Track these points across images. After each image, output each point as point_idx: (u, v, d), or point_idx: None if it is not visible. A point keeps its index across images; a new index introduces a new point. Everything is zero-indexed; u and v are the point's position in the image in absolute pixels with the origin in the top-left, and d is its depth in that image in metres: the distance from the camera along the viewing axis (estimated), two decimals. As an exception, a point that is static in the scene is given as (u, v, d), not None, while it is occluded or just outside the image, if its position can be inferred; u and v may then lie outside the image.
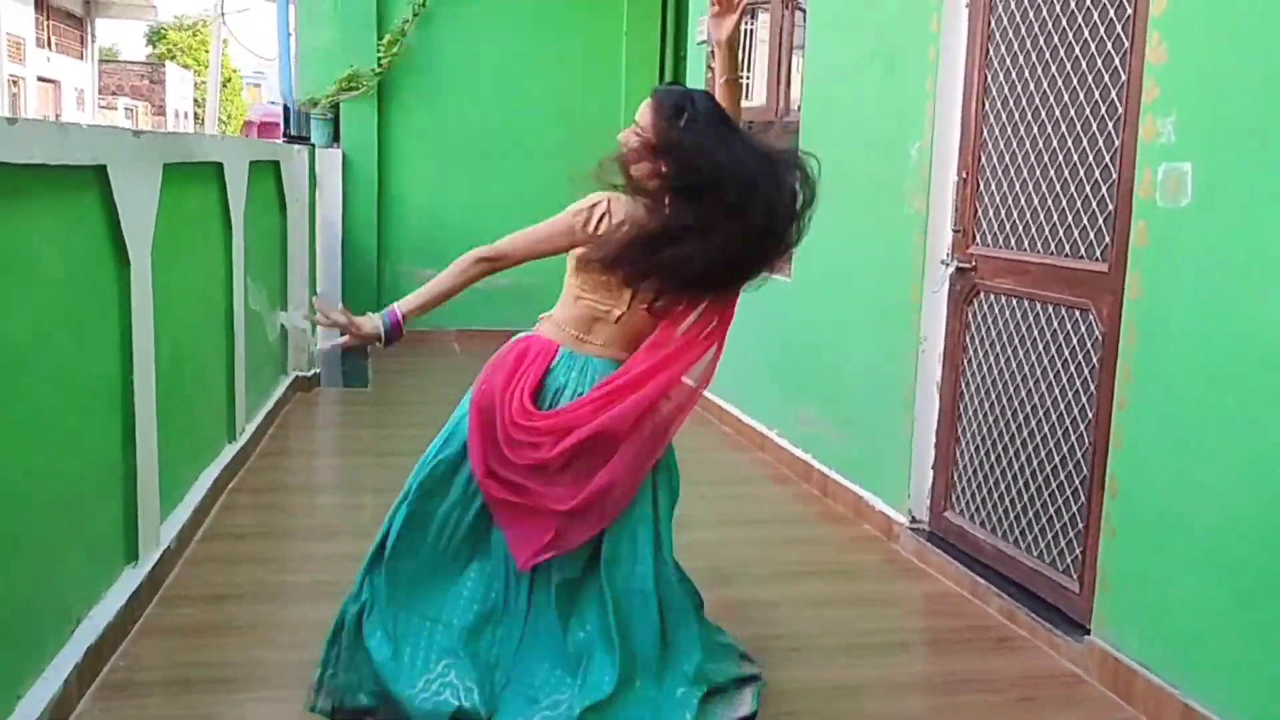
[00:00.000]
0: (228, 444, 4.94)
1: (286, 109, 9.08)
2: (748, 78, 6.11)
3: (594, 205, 2.55)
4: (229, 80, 33.09)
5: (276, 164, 6.23)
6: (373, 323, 2.56)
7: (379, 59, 8.43)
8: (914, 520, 4.27)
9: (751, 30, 6.39)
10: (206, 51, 31.88)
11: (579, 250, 2.59)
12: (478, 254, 2.58)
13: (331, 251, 8.23)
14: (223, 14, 25.63)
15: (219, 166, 4.67)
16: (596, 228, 2.52)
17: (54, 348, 2.81)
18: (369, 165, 8.56)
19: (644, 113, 2.56)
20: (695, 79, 6.84)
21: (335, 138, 8.56)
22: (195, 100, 34.75)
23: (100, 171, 3.07)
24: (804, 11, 5.42)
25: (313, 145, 7.92)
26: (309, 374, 6.83)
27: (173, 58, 34.65)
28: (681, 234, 2.41)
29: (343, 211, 8.44)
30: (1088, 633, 3.25)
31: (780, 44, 5.70)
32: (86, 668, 2.90)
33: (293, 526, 4.38)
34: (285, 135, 8.85)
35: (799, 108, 5.54)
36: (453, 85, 8.67)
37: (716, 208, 2.40)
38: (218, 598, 3.59)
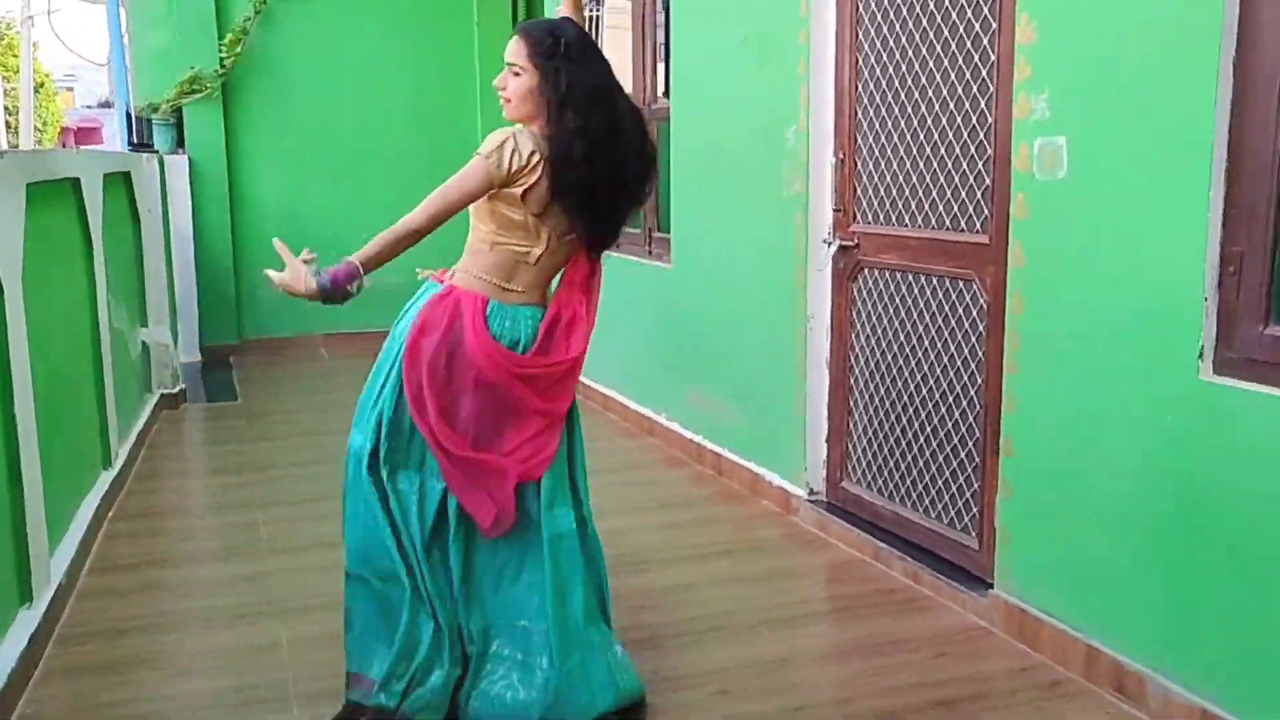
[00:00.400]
0: (103, 471, 4.73)
1: (130, 116, 8.67)
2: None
3: (502, 144, 2.56)
4: (41, 85, 31.28)
5: (127, 175, 5.96)
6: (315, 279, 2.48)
7: (221, 59, 8.12)
8: (811, 492, 4.39)
9: (599, 16, 6.43)
10: (15, 56, 30.07)
11: (485, 196, 2.59)
12: (407, 228, 2.53)
13: (185, 262, 7.92)
14: (31, 16, 24.33)
15: (76, 182, 4.45)
16: (510, 165, 2.54)
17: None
18: (218, 171, 8.24)
19: (516, 49, 2.61)
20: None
21: (180, 143, 8.23)
22: (5, 108, 32.72)
23: (-32, 196, 2.91)
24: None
25: (159, 153, 7.61)
26: (174, 390, 6.58)
27: (-24, 64, 32.53)
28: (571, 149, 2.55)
29: (193, 220, 8.12)
30: (990, 587, 3.41)
31: (644, 32, 5.74)
32: (-7, 719, 2.76)
33: (185, 551, 4.22)
34: (130, 144, 8.45)
35: (664, 94, 5.60)
36: (301, 85, 8.41)
37: (600, 121, 2.57)
38: (119, 632, 3.45)
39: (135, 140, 8.37)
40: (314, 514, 4.58)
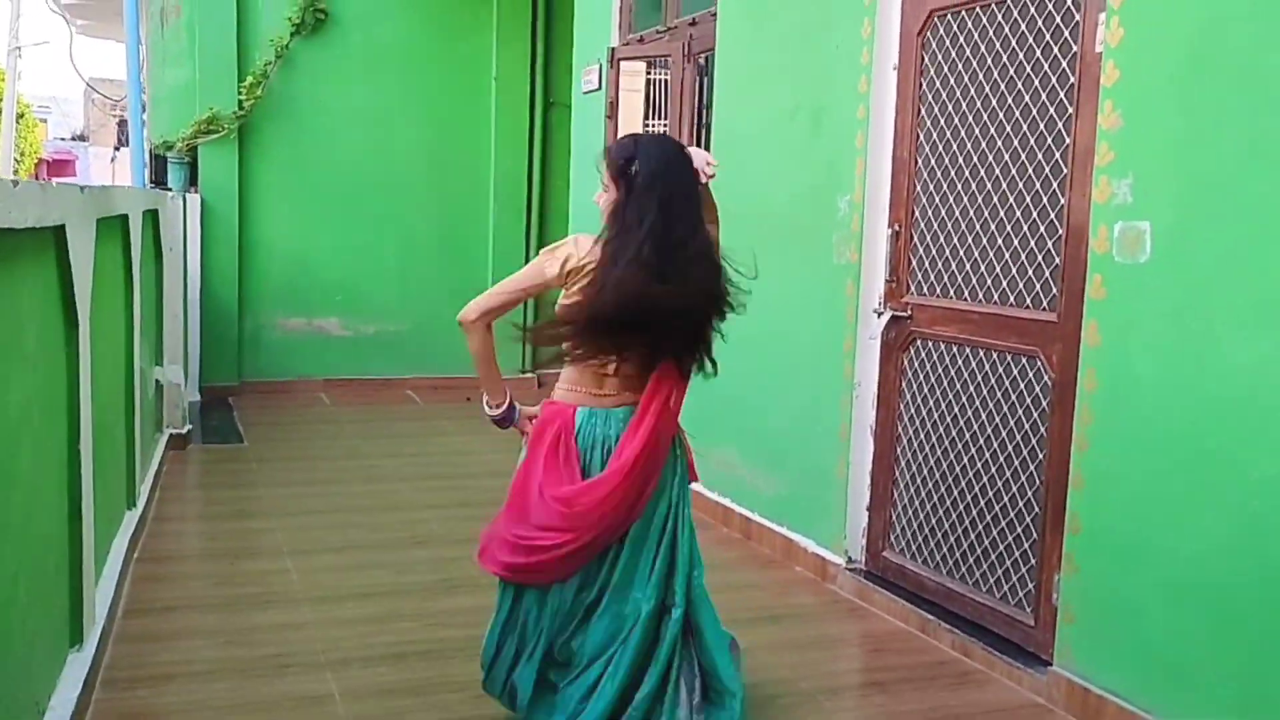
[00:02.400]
0: (128, 511, 4.65)
1: (153, 154, 8.63)
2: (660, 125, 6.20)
3: (557, 248, 2.78)
4: (23, 115, 31.06)
5: (155, 212, 5.92)
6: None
7: (240, 101, 8.13)
8: (850, 560, 4.39)
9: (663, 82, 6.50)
10: (-3, 84, 29.84)
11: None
12: (482, 318, 2.75)
13: (192, 302, 7.85)
14: (19, 46, 24.23)
15: (124, 218, 4.42)
16: (564, 268, 2.73)
17: (32, 428, 2.61)
18: (229, 212, 8.20)
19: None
20: (578, 127, 6.90)
21: (192, 182, 8.20)
22: (-16, 137, 32.41)
23: (59, 231, 2.88)
24: (704, 67, 5.57)
25: (180, 192, 7.59)
26: (183, 431, 6.49)
27: (-42, 92, 32.21)
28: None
29: (201, 260, 8.07)
30: (1049, 664, 3.42)
31: (682, 98, 5.82)
32: (58, 766, 2.68)
33: (222, 596, 4.14)
34: (152, 181, 8.40)
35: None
36: (317, 129, 8.43)
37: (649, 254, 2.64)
38: (167, 678, 3.38)
39: (152, 178, 8.33)
40: (345, 564, 4.54)
